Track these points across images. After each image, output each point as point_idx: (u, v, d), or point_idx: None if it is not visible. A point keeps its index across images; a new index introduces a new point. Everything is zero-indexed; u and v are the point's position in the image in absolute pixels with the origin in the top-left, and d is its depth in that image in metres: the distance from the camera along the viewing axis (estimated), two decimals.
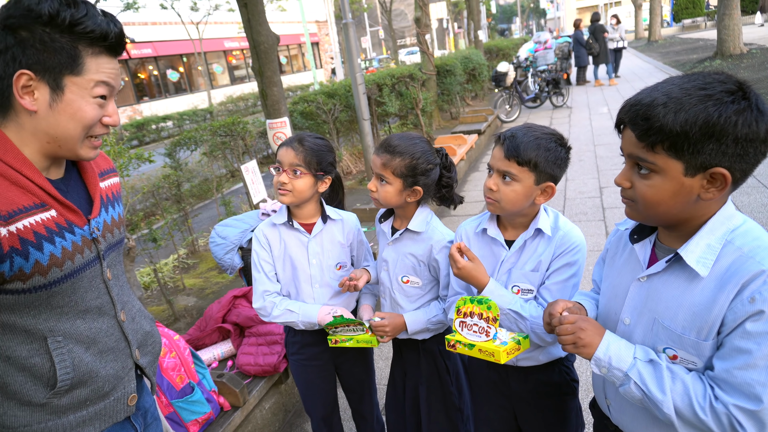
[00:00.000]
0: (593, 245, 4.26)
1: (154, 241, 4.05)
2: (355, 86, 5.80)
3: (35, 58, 1.01)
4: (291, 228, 1.86)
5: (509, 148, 1.39)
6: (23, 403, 1.11)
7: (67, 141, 1.09)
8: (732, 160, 0.92)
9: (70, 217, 1.12)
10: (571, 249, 1.46)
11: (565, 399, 1.59)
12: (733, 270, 0.96)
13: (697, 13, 30.14)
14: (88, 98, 1.08)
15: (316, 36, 33.09)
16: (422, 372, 1.87)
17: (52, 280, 1.07)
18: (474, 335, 1.39)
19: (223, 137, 5.27)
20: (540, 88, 11.25)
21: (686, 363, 1.03)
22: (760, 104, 0.92)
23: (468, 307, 1.40)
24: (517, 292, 1.50)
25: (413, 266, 1.77)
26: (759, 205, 4.37)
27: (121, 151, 3.31)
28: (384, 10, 18.36)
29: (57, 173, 1.17)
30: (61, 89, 1.05)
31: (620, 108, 1.04)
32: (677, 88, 0.94)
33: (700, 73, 0.97)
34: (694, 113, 0.91)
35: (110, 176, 1.33)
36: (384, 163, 1.65)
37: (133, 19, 20.51)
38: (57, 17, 1.01)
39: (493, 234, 1.54)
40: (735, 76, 0.96)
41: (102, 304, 1.20)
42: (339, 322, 1.75)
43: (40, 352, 1.10)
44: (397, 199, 1.69)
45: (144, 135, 17.49)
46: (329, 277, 1.90)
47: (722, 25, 12.49)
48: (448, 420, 1.88)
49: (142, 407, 1.37)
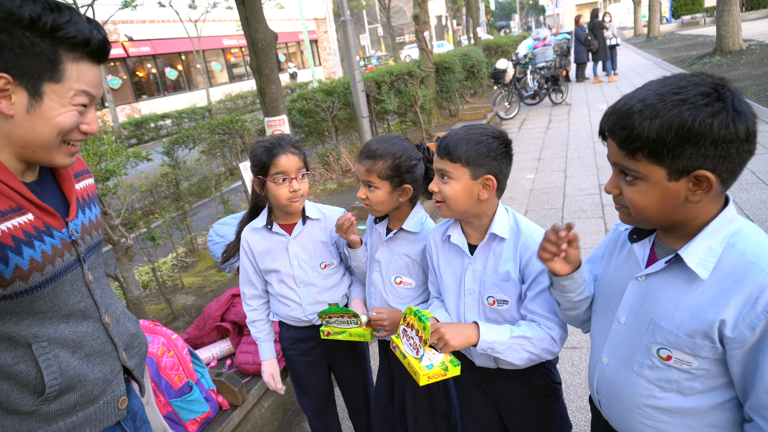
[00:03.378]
0: (592, 243, 4.26)
1: (153, 239, 4.04)
2: (354, 84, 5.78)
3: (13, 62, 0.99)
4: (270, 231, 1.89)
5: (440, 147, 1.41)
6: (11, 412, 1.09)
7: (42, 147, 1.07)
8: (715, 161, 0.92)
9: (47, 221, 1.10)
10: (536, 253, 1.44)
11: (548, 401, 1.58)
12: (736, 275, 0.95)
13: (696, 9, 30.08)
14: (68, 105, 1.06)
15: (314, 33, 33.02)
16: (409, 377, 1.86)
17: (33, 285, 1.05)
18: (409, 348, 1.41)
19: (221, 135, 5.26)
20: (539, 85, 11.23)
21: (680, 363, 1.03)
22: (737, 104, 0.91)
23: (411, 318, 1.40)
24: (492, 303, 1.48)
25: (407, 266, 1.75)
26: (758, 202, 4.36)
27: (119, 150, 3.29)
28: (383, 7, 18.32)
29: (31, 176, 1.14)
30: (40, 96, 1.03)
31: (601, 117, 1.04)
32: (653, 94, 0.94)
33: (677, 76, 0.97)
34: (668, 119, 0.91)
35: (85, 177, 1.31)
36: (368, 169, 1.64)
37: (131, 17, 20.45)
38: (38, 21, 0.98)
39: (456, 240, 1.52)
40: (712, 76, 0.95)
41: (86, 308, 1.18)
42: (333, 311, 1.73)
43: (26, 359, 1.08)
44: (389, 201, 1.67)
45: (142, 133, 17.47)
46: (314, 277, 1.90)
47: (721, 22, 12.47)
48: (434, 427, 1.86)
49: (131, 410, 1.35)
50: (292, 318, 1.95)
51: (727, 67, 11.13)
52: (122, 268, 3.23)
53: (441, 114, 10.65)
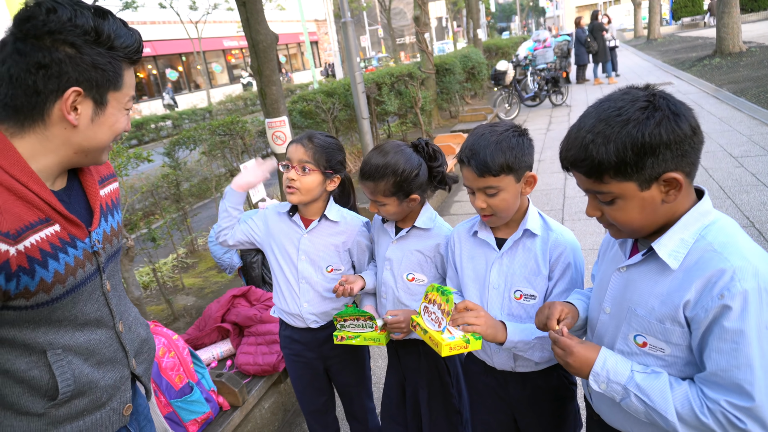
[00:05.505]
0: (593, 244, 4.26)
1: (153, 240, 4.05)
2: (354, 85, 5.79)
3: (85, 75, 1.01)
4: (290, 219, 1.89)
5: (478, 167, 1.37)
6: (20, 413, 1.09)
7: (96, 150, 1.11)
8: (676, 162, 0.98)
9: (72, 231, 1.10)
10: (567, 252, 1.44)
11: (564, 402, 1.58)
12: (701, 263, 1.00)
13: (696, 11, 30.10)
14: (122, 110, 1.11)
15: (315, 35, 33.05)
16: (423, 375, 1.85)
17: (54, 297, 1.06)
18: (431, 323, 1.41)
19: (222, 136, 5.26)
20: (539, 87, 11.24)
21: (655, 350, 1.08)
22: (673, 107, 0.98)
23: (434, 294, 1.42)
24: (519, 298, 1.47)
25: (419, 263, 1.76)
26: (758, 203, 4.36)
27: (120, 151, 3.30)
28: (383, 9, 18.35)
29: (61, 183, 1.15)
30: (105, 104, 1.06)
31: (559, 153, 1.10)
32: (598, 122, 1.01)
33: (609, 97, 1.04)
34: (621, 140, 0.97)
35: (110, 182, 1.32)
36: (372, 191, 1.66)
37: (131, 18, 20.45)
38: (102, 34, 1.01)
39: (483, 236, 1.53)
40: (641, 88, 1.02)
41: (101, 316, 1.19)
42: (349, 313, 1.72)
43: (39, 365, 1.08)
44: (401, 211, 1.70)
45: (143, 134, 17.47)
46: (317, 277, 1.89)
47: (721, 24, 12.48)
48: (448, 423, 1.86)
49: (135, 410, 1.36)
50: (289, 314, 1.94)
51: (727, 69, 11.14)
52: (123, 269, 3.23)
53: (441, 115, 10.66)
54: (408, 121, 8.63)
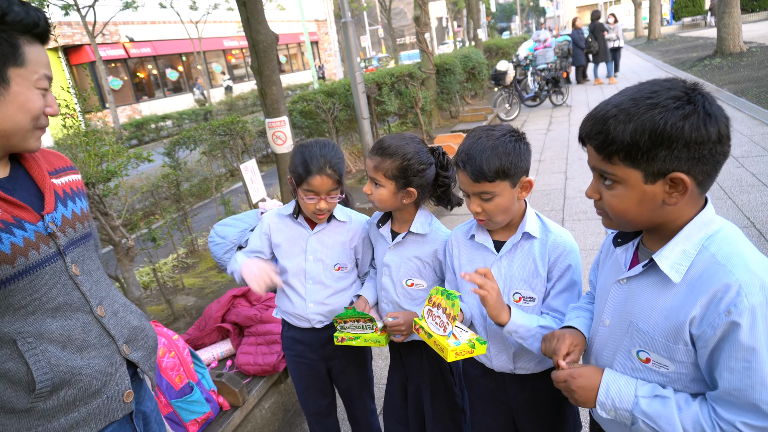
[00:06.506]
0: (593, 244, 4.26)
1: (153, 240, 4.05)
2: (355, 85, 5.79)
3: None
4: (294, 221, 1.89)
5: (474, 172, 1.36)
6: (7, 411, 1.08)
7: (17, 133, 1.09)
8: (689, 164, 0.93)
9: (17, 213, 1.10)
10: (566, 253, 1.44)
11: (563, 404, 1.57)
12: (705, 277, 0.96)
13: (697, 11, 30.10)
14: (33, 89, 1.09)
15: (315, 35, 33.05)
16: (425, 374, 1.85)
17: (4, 278, 1.05)
18: (435, 326, 1.40)
19: (222, 136, 5.26)
20: (539, 87, 11.25)
21: (658, 366, 1.05)
22: (708, 107, 0.92)
23: (438, 298, 1.41)
24: (518, 300, 1.47)
25: (418, 269, 1.75)
26: (759, 204, 4.36)
27: (120, 151, 3.30)
28: (383, 9, 18.36)
29: (3, 172, 1.15)
30: (7, 82, 1.04)
31: (580, 123, 1.07)
32: (628, 99, 0.97)
33: (651, 81, 0.99)
34: (641, 122, 0.93)
35: (68, 173, 1.31)
36: (375, 166, 1.64)
37: (132, 18, 20.50)
38: None
39: (480, 240, 1.53)
40: (686, 81, 0.97)
41: (72, 300, 1.17)
42: (349, 315, 1.71)
43: (13, 356, 1.07)
44: (392, 201, 1.67)
45: (143, 134, 17.49)
46: (325, 276, 1.89)
47: (722, 24, 12.48)
48: (452, 421, 1.86)
49: (142, 412, 1.35)
50: (294, 315, 1.94)
51: (728, 69, 11.13)
52: (123, 269, 3.23)
53: (441, 115, 10.66)
54: (408, 121, 8.63)
